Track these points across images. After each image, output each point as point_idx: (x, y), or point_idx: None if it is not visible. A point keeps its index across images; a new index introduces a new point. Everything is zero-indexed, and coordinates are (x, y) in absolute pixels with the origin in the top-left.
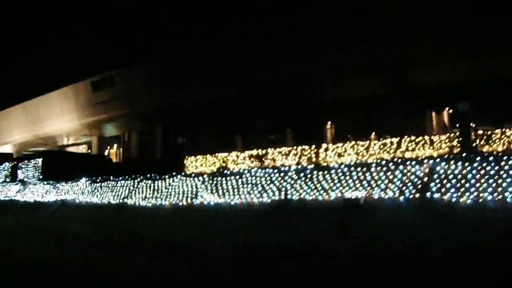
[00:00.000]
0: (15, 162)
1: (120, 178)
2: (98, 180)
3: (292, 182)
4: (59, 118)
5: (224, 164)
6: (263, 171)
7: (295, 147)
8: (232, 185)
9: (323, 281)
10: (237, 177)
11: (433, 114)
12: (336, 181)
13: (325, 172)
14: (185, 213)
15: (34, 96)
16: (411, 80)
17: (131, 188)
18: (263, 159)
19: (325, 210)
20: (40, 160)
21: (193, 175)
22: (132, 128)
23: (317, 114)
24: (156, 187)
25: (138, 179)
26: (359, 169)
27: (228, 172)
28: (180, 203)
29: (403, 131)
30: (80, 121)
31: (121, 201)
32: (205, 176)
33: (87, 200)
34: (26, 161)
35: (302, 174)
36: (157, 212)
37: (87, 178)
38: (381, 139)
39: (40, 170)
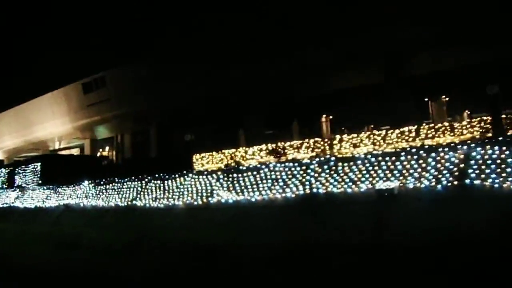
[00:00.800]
0: (11, 168)
1: (126, 179)
2: (102, 183)
3: (316, 175)
4: (51, 122)
5: (231, 161)
6: (283, 165)
7: (307, 140)
8: (250, 181)
9: (389, 274)
10: (255, 172)
11: (430, 102)
12: (364, 172)
13: (351, 163)
14: (203, 212)
15: (24, 101)
16: (408, 68)
17: (139, 189)
18: (280, 153)
19: (356, 202)
20: (38, 164)
21: (206, 172)
22: (124, 129)
23: (315, 107)
24: (166, 187)
25: (146, 180)
26: (388, 158)
27: (244, 168)
28: (195, 203)
29: (402, 120)
30: (72, 124)
31: (129, 203)
32: (219, 173)
33: (92, 204)
34: (23, 166)
35: (326, 167)
36: (171, 213)
37: (90, 181)
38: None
39: (39, 175)
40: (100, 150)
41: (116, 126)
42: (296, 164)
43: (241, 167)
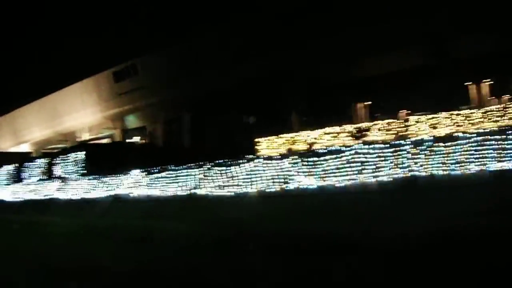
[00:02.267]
0: (50, 158)
1: (183, 166)
2: (155, 171)
3: (412, 156)
4: (81, 112)
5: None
6: (368, 147)
7: (378, 122)
8: (334, 165)
9: None
10: (337, 155)
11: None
12: (472, 151)
13: (450, 143)
14: (284, 200)
15: (51, 91)
16: (452, 50)
17: (201, 177)
18: (362, 134)
19: (466, 185)
20: (82, 153)
21: (278, 157)
22: (156, 118)
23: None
24: (232, 174)
25: (208, 166)
26: (497, 136)
27: (325, 151)
28: (270, 190)
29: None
30: (103, 113)
31: (190, 192)
32: (294, 157)
33: (147, 194)
34: (64, 156)
35: (423, 147)
36: (245, 202)
37: (141, 169)
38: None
39: (82, 164)
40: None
41: (147, 115)
42: (387, 145)
43: (320, 150)
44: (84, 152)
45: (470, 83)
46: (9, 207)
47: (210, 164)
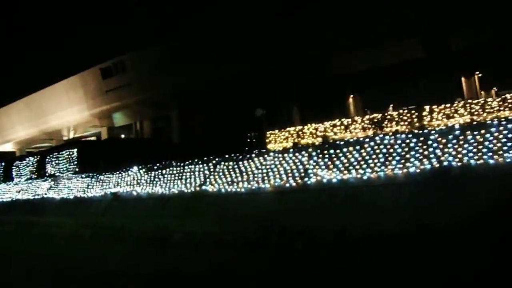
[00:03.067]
0: (40, 156)
1: (187, 162)
2: (156, 167)
3: (441, 146)
4: (67, 110)
5: (298, 139)
6: (390, 137)
7: (390, 113)
8: (354, 157)
9: None
10: (357, 147)
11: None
12: (504, 140)
13: (482, 131)
14: (304, 195)
15: (37, 89)
16: (447, 43)
17: (207, 172)
18: (382, 125)
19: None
20: (74, 150)
21: (292, 150)
22: (144, 115)
23: (345, 86)
24: (243, 169)
25: (215, 162)
26: None
27: (342, 143)
28: (287, 185)
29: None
30: (90, 111)
31: (197, 189)
32: (310, 149)
33: (148, 191)
34: (55, 154)
35: (450, 136)
36: (262, 198)
37: (140, 166)
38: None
39: (75, 162)
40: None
41: (135, 112)
42: (410, 136)
43: (338, 142)
44: (76, 150)
45: (465, 75)
46: (3, 207)
47: (217, 159)
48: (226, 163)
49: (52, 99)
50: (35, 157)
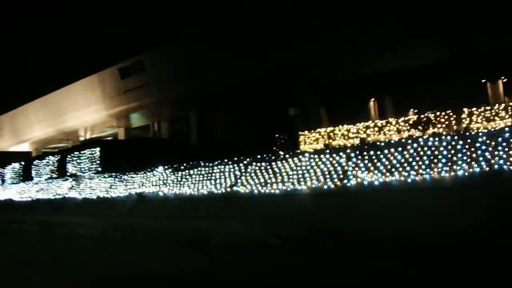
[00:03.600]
0: (61, 155)
1: (216, 162)
2: (182, 168)
3: (490, 148)
4: (84, 109)
5: (329, 141)
6: (434, 139)
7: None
8: (396, 159)
9: None
10: (399, 148)
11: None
12: None
13: None
14: (345, 197)
15: (54, 89)
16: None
17: (238, 173)
18: (425, 126)
19: None
20: (97, 149)
21: (328, 151)
22: (162, 116)
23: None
24: (276, 170)
25: (245, 162)
26: None
27: (383, 144)
28: (325, 186)
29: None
30: (108, 111)
31: (228, 190)
32: (348, 151)
33: (175, 192)
34: (77, 153)
35: (500, 139)
36: (300, 200)
37: (167, 166)
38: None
39: (98, 162)
40: None
41: (153, 113)
42: (455, 137)
43: (379, 143)
44: (99, 149)
45: (490, 79)
46: (21, 207)
47: (248, 159)
48: (258, 164)
49: (69, 98)
50: (56, 156)
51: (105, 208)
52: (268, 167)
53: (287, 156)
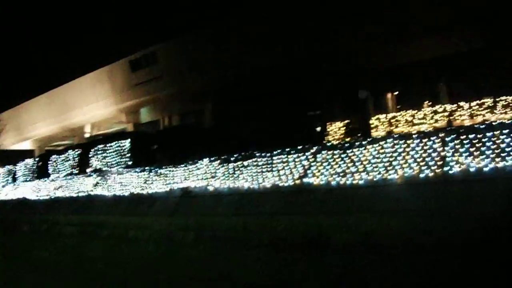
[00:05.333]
0: (83, 149)
1: (276, 152)
2: (233, 159)
3: None
4: (92, 104)
5: (390, 128)
6: None
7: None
8: (504, 141)
9: None
10: (505, 130)
11: None
12: None
13: None
14: (457, 186)
15: (60, 83)
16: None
17: (306, 163)
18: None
19: None
20: (127, 142)
21: (417, 135)
22: (173, 110)
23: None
24: (354, 158)
25: (313, 150)
26: None
27: (483, 126)
28: (422, 175)
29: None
30: (117, 105)
31: (297, 182)
32: (442, 134)
33: (229, 186)
34: (102, 146)
35: None
36: (401, 190)
37: (213, 158)
38: None
39: (127, 155)
40: None
41: (163, 107)
42: None
43: (478, 126)
44: (129, 140)
45: None
46: (39, 206)
47: (316, 147)
48: (330, 152)
49: (76, 93)
50: (76, 150)
51: (143, 205)
52: (343, 155)
53: (364, 142)
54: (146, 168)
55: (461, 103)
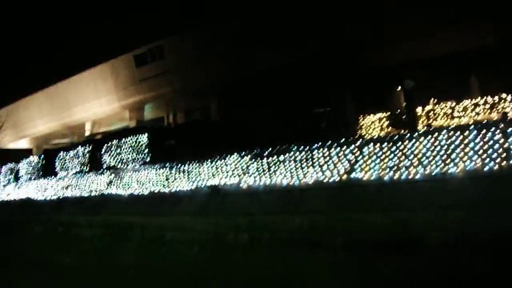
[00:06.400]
0: (94, 144)
1: (315, 146)
2: (266, 154)
3: None
4: (94, 101)
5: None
6: None
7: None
8: None
9: None
10: None
11: None
12: None
13: None
14: None
15: (59, 80)
16: None
17: (352, 157)
18: None
19: None
20: (144, 136)
21: (473, 126)
22: (178, 107)
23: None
24: (407, 152)
25: (358, 143)
26: None
27: None
28: (486, 168)
29: None
30: (121, 102)
31: (343, 177)
32: (501, 125)
33: (265, 182)
34: (116, 141)
35: None
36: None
37: (243, 153)
38: None
39: (145, 151)
40: None
41: (168, 104)
42: None
43: None
44: (146, 135)
45: None
46: (46, 207)
47: (361, 140)
48: (378, 145)
49: (78, 89)
50: (86, 147)
51: (167, 204)
52: (394, 148)
53: (415, 135)
54: (166, 164)
55: (503, 95)
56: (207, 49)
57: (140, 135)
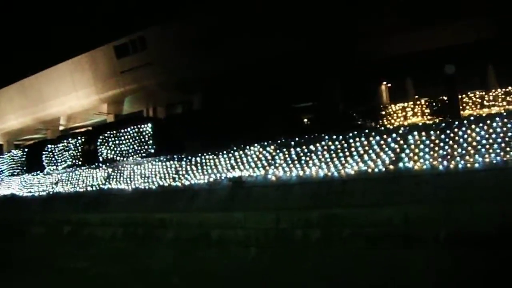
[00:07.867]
0: (87, 136)
1: (351, 135)
2: (294, 143)
3: None
4: (71, 94)
5: None
6: None
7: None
8: None
9: None
10: None
11: None
12: None
13: None
14: None
15: (33, 72)
16: None
17: (395, 146)
18: None
19: None
20: (148, 126)
21: None
22: (159, 100)
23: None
24: (459, 139)
25: (401, 131)
26: None
27: None
28: None
29: None
30: (99, 95)
31: (390, 167)
32: None
33: (297, 174)
34: (114, 132)
35: None
36: None
37: (267, 143)
38: None
39: (149, 141)
40: None
41: (148, 98)
42: None
43: None
44: (150, 125)
45: None
46: (33, 205)
47: (403, 128)
48: (424, 133)
49: (53, 82)
50: (79, 138)
51: (182, 200)
52: (443, 136)
53: (465, 122)
54: (174, 156)
55: None
56: (192, 40)
57: (143, 124)
